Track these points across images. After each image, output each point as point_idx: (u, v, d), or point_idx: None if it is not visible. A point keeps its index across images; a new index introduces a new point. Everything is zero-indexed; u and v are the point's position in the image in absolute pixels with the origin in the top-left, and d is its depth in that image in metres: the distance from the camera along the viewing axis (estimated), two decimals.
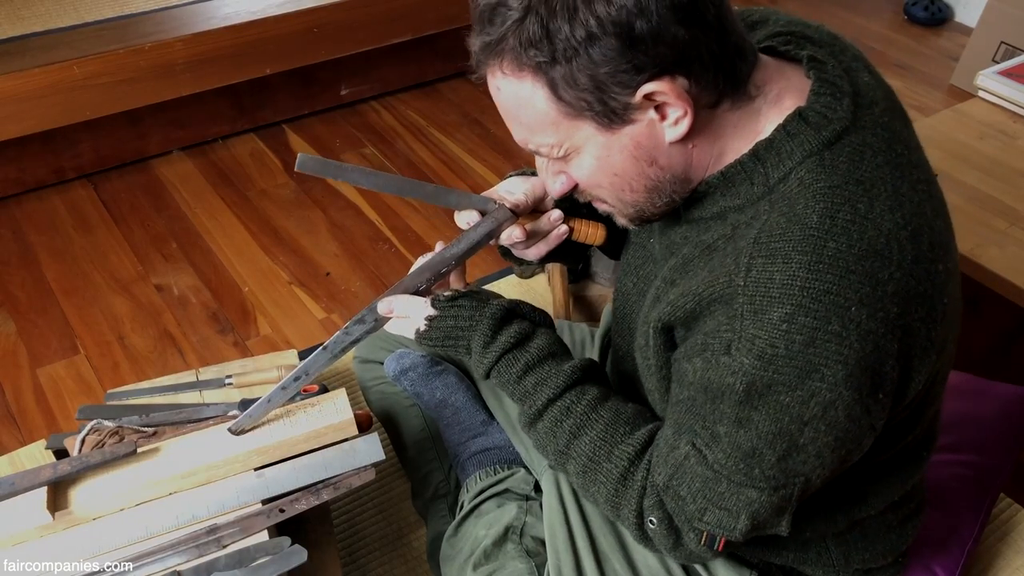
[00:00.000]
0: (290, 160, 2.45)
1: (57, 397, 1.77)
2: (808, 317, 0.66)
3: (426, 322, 0.89)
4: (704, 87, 0.71)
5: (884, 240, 0.68)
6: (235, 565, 0.92)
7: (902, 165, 0.73)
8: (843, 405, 0.68)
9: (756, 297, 0.68)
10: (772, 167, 0.73)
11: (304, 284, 2.06)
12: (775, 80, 0.76)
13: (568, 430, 0.85)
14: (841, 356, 0.66)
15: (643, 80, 0.69)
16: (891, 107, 0.77)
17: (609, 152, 0.74)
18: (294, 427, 1.02)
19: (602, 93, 0.70)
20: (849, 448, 0.73)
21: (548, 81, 0.70)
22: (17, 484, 0.94)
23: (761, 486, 0.73)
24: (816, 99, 0.74)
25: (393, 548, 1.27)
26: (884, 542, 0.94)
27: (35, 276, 2.05)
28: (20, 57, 2.07)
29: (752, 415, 0.70)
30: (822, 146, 0.72)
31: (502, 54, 0.71)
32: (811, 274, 0.67)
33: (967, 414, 1.23)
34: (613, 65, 0.68)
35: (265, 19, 2.29)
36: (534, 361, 0.87)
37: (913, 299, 0.69)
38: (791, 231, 0.68)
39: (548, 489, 1.02)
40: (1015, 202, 1.45)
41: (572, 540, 0.98)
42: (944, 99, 2.82)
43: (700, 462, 0.75)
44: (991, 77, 1.73)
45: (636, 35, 0.66)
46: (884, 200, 0.70)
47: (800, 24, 0.82)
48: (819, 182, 0.70)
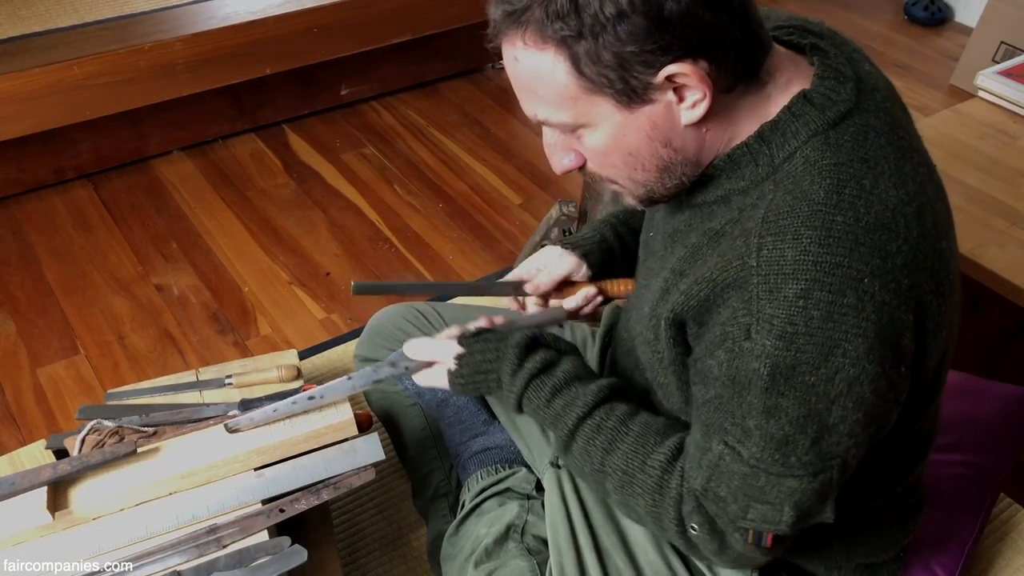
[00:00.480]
0: (290, 160, 2.45)
1: (57, 397, 1.77)
2: (823, 291, 0.67)
3: (456, 361, 0.93)
4: (723, 72, 0.71)
5: (891, 214, 0.69)
6: (235, 565, 0.92)
7: (904, 148, 0.74)
8: (868, 379, 0.68)
9: (770, 276, 0.68)
10: (777, 147, 0.74)
11: (304, 284, 2.06)
12: (785, 67, 0.77)
13: (601, 447, 0.86)
14: (860, 329, 0.67)
15: (667, 61, 0.68)
16: (892, 96, 0.79)
17: (625, 131, 0.74)
18: (294, 427, 1.02)
19: (625, 71, 0.69)
20: (878, 424, 0.73)
21: (571, 55, 0.69)
22: (17, 484, 0.94)
23: (800, 474, 0.72)
24: (821, 82, 0.75)
25: (393, 548, 1.27)
26: (885, 537, 0.94)
27: (35, 276, 2.05)
28: (20, 57, 2.07)
29: (780, 401, 0.70)
30: (827, 126, 0.73)
31: (526, 24, 0.69)
32: (822, 248, 0.67)
33: (967, 414, 1.23)
34: (639, 44, 0.67)
35: (265, 19, 2.29)
36: (561, 384, 0.88)
37: (922, 272, 0.70)
38: (799, 207, 0.69)
39: (550, 487, 1.02)
40: (1015, 202, 1.45)
41: (574, 537, 0.98)
42: (944, 99, 2.82)
43: (735, 459, 0.74)
44: (991, 77, 1.73)
45: (665, 16, 0.66)
46: (888, 177, 0.71)
47: (801, 19, 0.84)
48: (824, 159, 0.71)
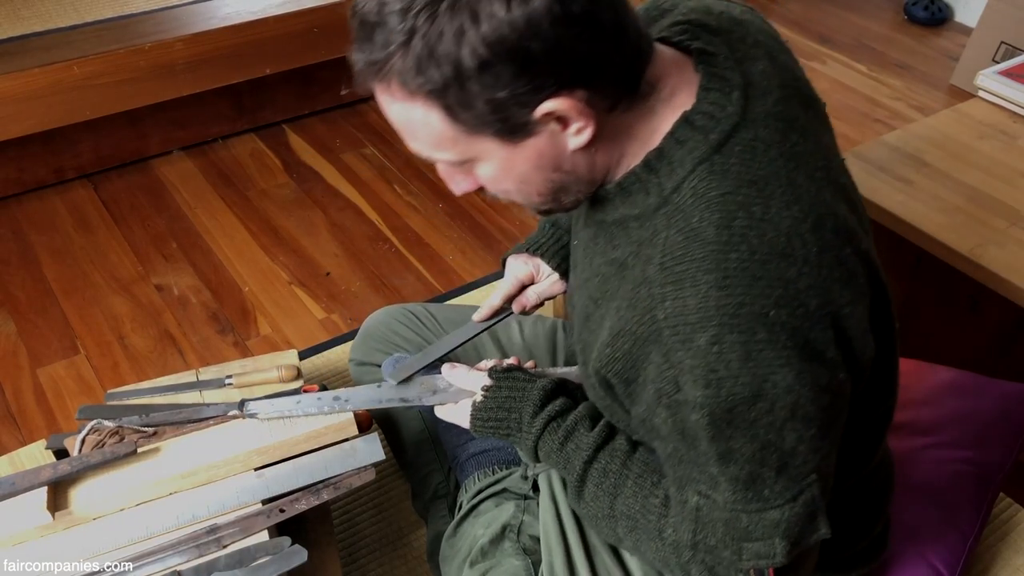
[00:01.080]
0: (290, 160, 2.45)
1: (57, 397, 1.77)
2: (734, 334, 0.66)
3: (483, 392, 0.93)
4: (603, 96, 0.70)
5: (785, 239, 0.67)
6: (235, 565, 0.92)
7: (798, 155, 0.72)
8: (808, 400, 0.67)
9: (679, 327, 0.67)
10: (665, 176, 0.72)
11: (304, 284, 2.06)
12: (668, 75, 0.74)
13: (608, 491, 0.85)
14: (781, 359, 0.66)
15: (543, 98, 0.66)
16: (788, 95, 0.75)
17: (513, 162, 0.72)
18: (294, 427, 1.02)
19: (501, 113, 0.67)
20: (837, 427, 0.73)
21: (442, 105, 0.66)
22: (17, 484, 0.94)
23: (778, 504, 0.72)
24: (704, 96, 0.72)
25: (393, 548, 1.27)
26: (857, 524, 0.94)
27: (35, 276, 2.05)
28: (20, 57, 2.07)
29: (731, 444, 0.69)
30: (711, 150, 0.70)
31: (389, 77, 0.66)
32: (722, 291, 0.66)
33: (967, 411, 1.23)
34: (509, 89, 0.64)
35: (265, 19, 2.29)
36: (571, 427, 0.88)
37: (830, 287, 0.68)
38: (692, 250, 0.68)
39: (543, 488, 1.02)
40: (1015, 202, 1.44)
41: (564, 537, 0.98)
42: (944, 99, 2.82)
43: (712, 507, 0.74)
44: (991, 77, 1.73)
45: (531, 57, 0.63)
46: (780, 197, 0.69)
47: (703, 11, 0.80)
48: (711, 191, 0.69)
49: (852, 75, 2.91)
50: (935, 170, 1.51)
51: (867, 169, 1.50)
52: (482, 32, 0.62)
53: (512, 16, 0.61)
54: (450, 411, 0.98)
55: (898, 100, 2.81)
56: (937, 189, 1.46)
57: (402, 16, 0.63)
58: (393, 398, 1.00)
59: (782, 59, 0.79)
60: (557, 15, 0.62)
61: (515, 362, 0.97)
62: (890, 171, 1.50)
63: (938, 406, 1.24)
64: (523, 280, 1.11)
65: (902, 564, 1.05)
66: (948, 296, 1.62)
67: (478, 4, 0.61)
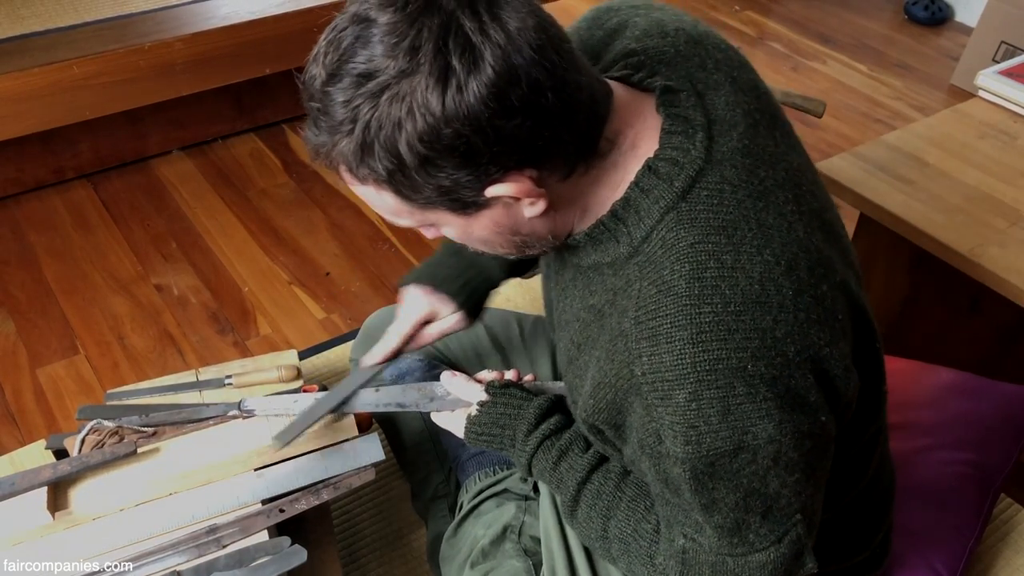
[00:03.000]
0: (290, 160, 2.45)
1: (57, 397, 1.77)
2: (711, 390, 0.65)
3: (478, 406, 0.93)
4: (555, 169, 0.69)
5: (759, 286, 0.66)
6: (235, 565, 0.92)
7: (766, 192, 0.70)
8: (789, 447, 0.67)
9: (657, 384, 0.67)
10: (632, 226, 0.71)
11: (304, 284, 2.06)
12: (628, 123, 0.72)
13: (601, 512, 0.85)
14: (761, 411, 0.65)
15: (491, 182, 0.66)
16: (754, 122, 0.73)
17: (471, 229, 0.72)
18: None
19: (449, 196, 0.66)
20: (822, 468, 0.72)
21: (392, 188, 0.66)
22: (17, 484, 0.94)
23: (763, 546, 0.72)
24: (667, 140, 0.71)
25: (393, 548, 1.27)
26: (856, 536, 0.94)
27: (35, 276, 2.05)
28: (20, 57, 2.07)
29: (714, 495, 0.69)
30: (677, 197, 0.69)
31: (336, 162, 0.66)
32: (696, 348, 0.65)
33: (968, 413, 1.23)
34: (453, 178, 0.64)
35: (265, 19, 2.29)
36: (565, 447, 0.87)
37: (808, 331, 0.67)
38: (664, 305, 0.67)
39: (544, 489, 1.02)
40: (1015, 202, 1.44)
41: (565, 540, 0.98)
42: (944, 99, 2.82)
43: (698, 550, 0.74)
44: (991, 77, 1.73)
45: (471, 149, 0.62)
46: (750, 241, 0.67)
47: (657, 34, 0.77)
48: (680, 241, 0.68)
49: (852, 75, 2.91)
50: (935, 170, 1.51)
51: (867, 169, 1.50)
52: (418, 128, 0.61)
53: (447, 112, 0.60)
54: (446, 419, 0.98)
55: (898, 100, 2.81)
56: (937, 189, 1.46)
57: (344, 106, 0.63)
58: (390, 403, 1.00)
59: (744, 77, 0.77)
60: (495, 109, 0.61)
61: (514, 377, 0.96)
62: (890, 171, 1.50)
63: (938, 408, 1.24)
64: (422, 320, 1.05)
65: (902, 566, 1.05)
66: (948, 296, 1.62)
67: (413, 99, 0.61)
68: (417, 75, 0.60)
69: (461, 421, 0.95)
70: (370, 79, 0.61)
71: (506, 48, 0.61)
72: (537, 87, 0.62)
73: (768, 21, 3.23)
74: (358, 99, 0.62)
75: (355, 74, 0.62)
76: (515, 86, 0.61)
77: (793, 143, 0.78)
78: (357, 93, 0.62)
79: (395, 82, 0.61)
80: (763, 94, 0.78)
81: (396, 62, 0.61)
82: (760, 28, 3.17)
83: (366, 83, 0.61)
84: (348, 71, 0.62)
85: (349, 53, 0.62)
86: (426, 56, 0.60)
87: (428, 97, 0.60)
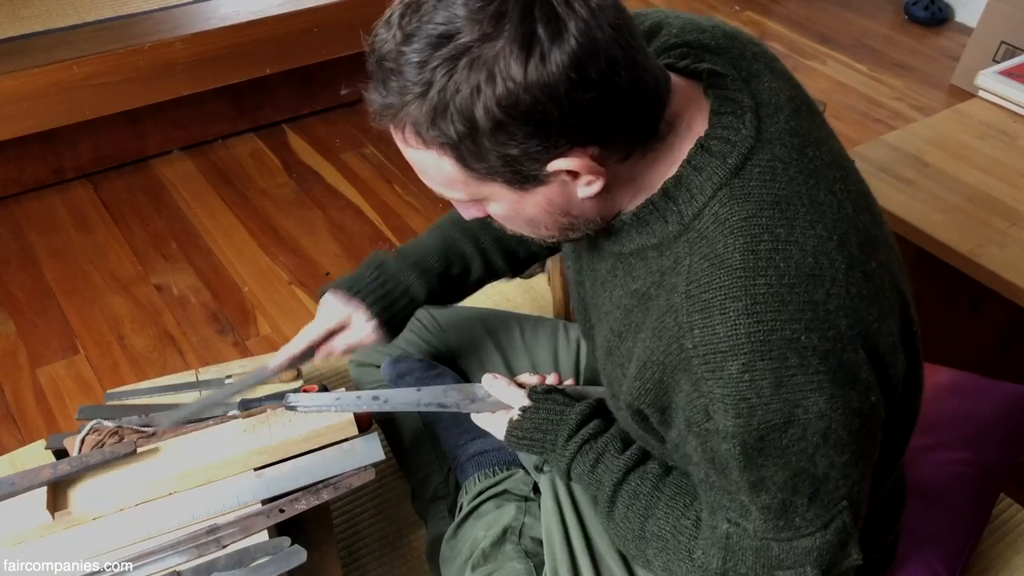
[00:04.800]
0: (290, 160, 2.45)
1: (57, 397, 1.77)
2: (765, 360, 0.65)
3: (520, 412, 0.93)
4: (616, 149, 0.69)
5: (812, 259, 0.67)
6: (235, 565, 0.92)
7: (816, 170, 0.71)
8: (840, 425, 0.67)
9: (709, 356, 0.67)
10: (685, 204, 0.72)
11: (304, 284, 2.06)
12: (684, 108, 0.73)
13: (639, 512, 0.85)
14: (812, 384, 0.65)
15: (555, 155, 0.66)
16: (797, 108, 0.75)
17: (522, 205, 0.72)
18: (294, 427, 1.02)
19: (512, 167, 0.67)
20: (870, 452, 0.72)
21: (455, 155, 0.67)
22: (17, 484, 0.94)
23: (810, 531, 0.72)
24: (717, 121, 0.72)
25: (393, 548, 1.27)
26: (869, 538, 0.93)
27: (35, 276, 2.05)
28: (20, 57, 2.07)
29: (763, 473, 0.69)
30: (730, 174, 0.70)
31: (403, 123, 0.66)
32: (751, 318, 0.65)
33: (968, 413, 1.23)
34: (523, 147, 0.65)
35: (265, 19, 2.29)
36: (601, 450, 0.88)
37: (859, 305, 0.68)
38: (718, 278, 0.67)
39: (545, 491, 1.02)
40: (1015, 202, 1.44)
41: (568, 541, 0.98)
42: (944, 99, 2.82)
43: (743, 535, 0.74)
44: (991, 77, 1.73)
45: (545, 119, 0.63)
46: (803, 216, 0.68)
47: (694, 30, 0.79)
48: (734, 215, 0.68)
49: (852, 75, 2.91)
50: (935, 170, 1.51)
51: (867, 169, 1.50)
52: (498, 93, 0.62)
53: (528, 80, 0.61)
54: (486, 420, 0.99)
55: (898, 100, 2.81)
56: (937, 189, 1.46)
57: (420, 68, 0.62)
58: (431, 403, 1.00)
59: (779, 67, 0.78)
60: (574, 80, 0.62)
61: (556, 380, 0.97)
62: (890, 171, 1.50)
63: (938, 407, 1.24)
64: (333, 328, 1.04)
65: (902, 565, 1.05)
66: (948, 296, 1.62)
67: (496, 64, 0.61)
68: (500, 40, 0.61)
69: (501, 424, 0.96)
70: (450, 40, 0.62)
71: (589, 22, 0.62)
72: (614, 63, 0.64)
73: (768, 21, 3.23)
74: (435, 60, 0.62)
75: (435, 35, 0.62)
76: (594, 60, 0.62)
77: (830, 132, 0.79)
78: (435, 54, 0.62)
79: (476, 46, 0.61)
80: (798, 85, 0.79)
81: (480, 26, 0.61)
82: (760, 28, 3.17)
83: (446, 44, 0.62)
84: (427, 31, 0.62)
85: (429, 14, 0.62)
86: (511, 22, 0.61)
87: (510, 63, 0.61)
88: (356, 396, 1.01)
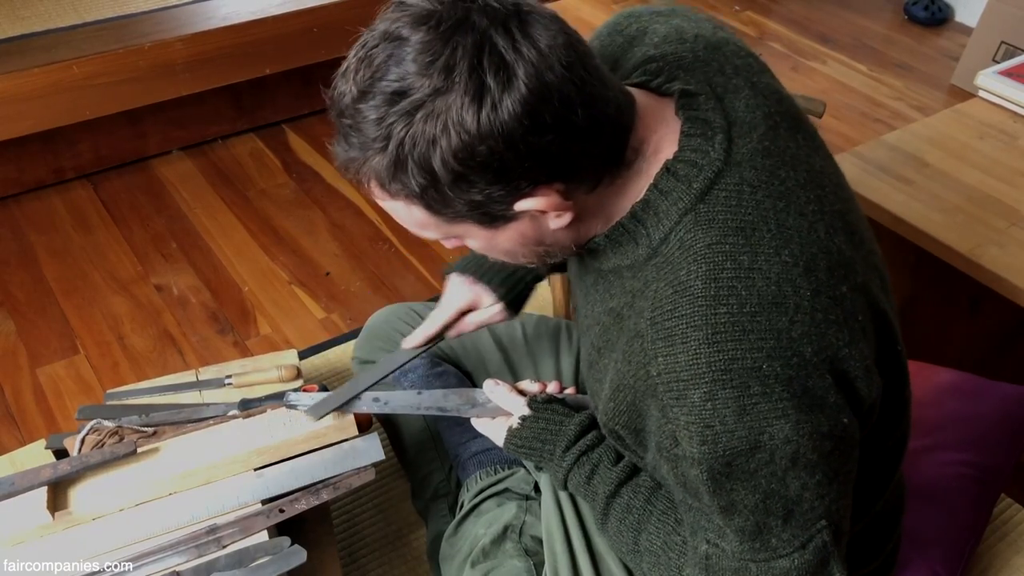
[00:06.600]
0: (290, 160, 2.45)
1: (57, 397, 1.77)
2: (726, 389, 0.65)
3: (519, 420, 0.93)
4: (582, 181, 0.70)
5: (776, 287, 0.66)
6: (235, 565, 0.92)
7: (787, 192, 0.70)
8: (808, 448, 0.66)
9: (672, 384, 0.67)
10: (652, 227, 0.72)
11: (304, 284, 2.06)
12: (651, 129, 0.73)
13: (631, 526, 0.85)
14: (777, 411, 0.65)
15: (519, 197, 0.67)
16: (774, 125, 0.74)
17: (495, 240, 0.74)
18: (294, 427, 1.02)
19: (479, 209, 0.68)
20: (846, 470, 0.71)
21: (422, 203, 0.67)
22: (17, 484, 0.94)
23: (787, 552, 0.71)
24: (686, 143, 0.71)
25: (393, 548, 1.27)
26: (868, 547, 0.93)
27: (35, 276, 2.05)
28: (20, 57, 2.07)
29: (732, 496, 0.69)
30: (695, 199, 0.70)
31: (367, 176, 0.67)
32: (711, 347, 0.65)
33: (968, 414, 1.23)
34: (486, 193, 0.66)
35: (265, 19, 2.29)
36: (596, 462, 0.88)
37: (826, 331, 0.67)
38: (680, 305, 0.67)
39: (546, 490, 1.02)
40: (1015, 202, 1.44)
41: (568, 541, 0.98)
42: (944, 99, 2.82)
43: (721, 556, 0.74)
44: (991, 77, 1.73)
45: (504, 165, 0.64)
46: (769, 242, 0.68)
47: (676, 40, 0.78)
48: (698, 242, 0.68)
49: (852, 75, 2.91)
50: (935, 170, 1.51)
51: (867, 169, 1.50)
52: (454, 145, 0.62)
53: (482, 130, 0.61)
54: (485, 425, 0.99)
55: (898, 100, 2.81)
56: (937, 189, 1.46)
57: (377, 124, 0.63)
58: (431, 406, 1.01)
59: (764, 81, 0.77)
60: (528, 126, 0.62)
61: (556, 389, 0.97)
62: (890, 171, 1.50)
63: (938, 408, 1.24)
64: (463, 308, 1.07)
65: (902, 566, 1.05)
66: (948, 296, 1.62)
67: (448, 117, 0.61)
68: (452, 93, 0.61)
69: (501, 430, 0.96)
70: (404, 97, 0.62)
71: (539, 65, 0.62)
72: (568, 103, 0.64)
73: (768, 21, 3.23)
74: (391, 116, 0.63)
75: (388, 92, 0.63)
76: (547, 103, 0.62)
77: (817, 146, 0.78)
78: (391, 111, 0.63)
79: (430, 100, 0.62)
80: (784, 99, 0.78)
81: (431, 80, 0.61)
82: (760, 28, 3.17)
83: (400, 101, 0.62)
84: (381, 89, 0.63)
85: (382, 71, 0.63)
86: (461, 75, 0.61)
87: (463, 115, 0.61)
88: (357, 397, 1.02)
